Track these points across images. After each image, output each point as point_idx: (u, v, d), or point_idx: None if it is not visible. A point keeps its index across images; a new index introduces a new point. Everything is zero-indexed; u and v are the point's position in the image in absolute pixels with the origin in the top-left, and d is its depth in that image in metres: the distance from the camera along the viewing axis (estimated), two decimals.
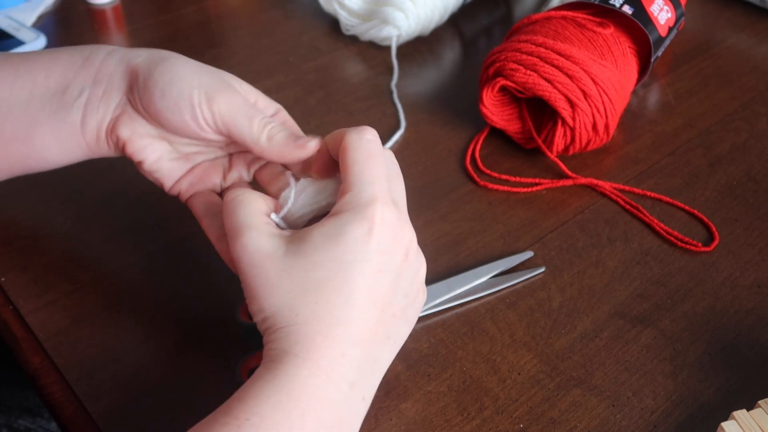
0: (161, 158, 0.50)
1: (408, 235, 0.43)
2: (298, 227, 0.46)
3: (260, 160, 0.52)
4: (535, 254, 0.58)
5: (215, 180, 0.52)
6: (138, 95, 0.48)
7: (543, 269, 0.57)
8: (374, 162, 0.43)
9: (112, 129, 0.49)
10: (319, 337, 0.40)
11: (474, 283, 0.55)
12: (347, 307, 0.41)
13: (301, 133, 0.49)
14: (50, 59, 0.50)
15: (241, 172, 0.52)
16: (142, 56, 0.49)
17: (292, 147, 0.47)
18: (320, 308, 0.41)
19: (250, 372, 0.42)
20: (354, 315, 0.41)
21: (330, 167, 0.47)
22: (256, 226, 0.43)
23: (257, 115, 0.47)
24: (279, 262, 0.42)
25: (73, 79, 0.49)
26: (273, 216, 0.46)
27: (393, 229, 0.42)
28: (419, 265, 0.45)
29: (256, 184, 0.52)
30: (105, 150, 0.51)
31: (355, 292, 0.41)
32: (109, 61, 0.49)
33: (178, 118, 0.47)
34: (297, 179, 0.48)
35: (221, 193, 0.52)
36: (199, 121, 0.47)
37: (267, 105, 0.52)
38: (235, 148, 0.52)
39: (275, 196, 0.47)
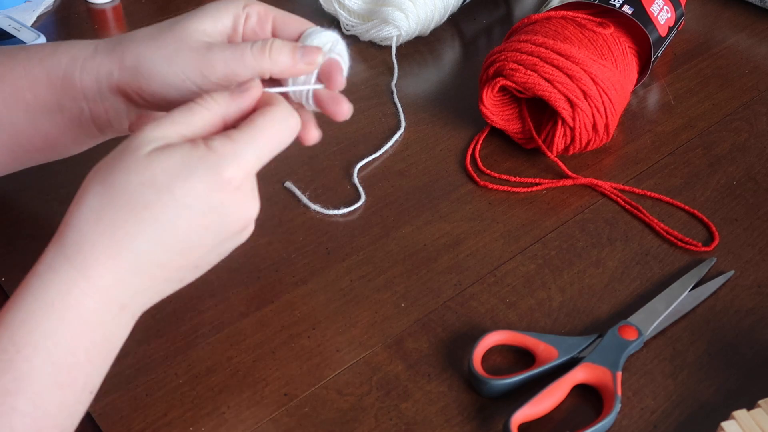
0: None
1: (255, 210, 0.43)
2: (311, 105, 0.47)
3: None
4: (718, 259, 0.58)
5: None
6: (139, 98, 0.47)
7: (732, 272, 0.56)
8: (275, 139, 0.42)
9: (136, 127, 0.50)
10: (104, 256, 0.39)
11: (676, 303, 0.54)
12: (154, 243, 0.40)
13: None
14: (26, 77, 0.48)
15: None
16: (113, 72, 0.47)
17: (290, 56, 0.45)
18: (125, 230, 0.39)
19: None
20: (155, 252, 0.40)
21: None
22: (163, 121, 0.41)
23: (246, 53, 0.45)
24: (132, 157, 0.39)
25: (63, 98, 0.48)
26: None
27: (245, 199, 0.42)
28: (247, 237, 0.45)
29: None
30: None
31: (171, 234, 0.40)
32: (87, 82, 0.48)
33: (186, 97, 0.46)
34: None
35: None
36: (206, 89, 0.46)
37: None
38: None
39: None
